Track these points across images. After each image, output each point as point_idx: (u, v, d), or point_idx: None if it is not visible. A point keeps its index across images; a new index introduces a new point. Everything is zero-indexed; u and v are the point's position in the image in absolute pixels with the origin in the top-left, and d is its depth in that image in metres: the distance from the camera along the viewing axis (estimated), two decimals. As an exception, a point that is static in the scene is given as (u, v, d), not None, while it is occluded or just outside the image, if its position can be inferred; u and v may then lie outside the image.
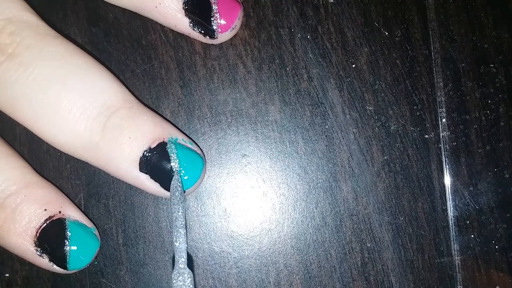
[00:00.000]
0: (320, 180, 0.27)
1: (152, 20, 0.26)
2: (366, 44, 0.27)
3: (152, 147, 0.23)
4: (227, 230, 0.27)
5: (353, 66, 0.27)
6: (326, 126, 0.27)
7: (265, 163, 0.27)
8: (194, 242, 0.27)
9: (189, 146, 0.24)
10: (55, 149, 0.24)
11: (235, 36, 0.26)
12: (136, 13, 0.26)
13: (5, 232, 0.22)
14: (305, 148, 0.27)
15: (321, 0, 0.27)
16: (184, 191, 0.23)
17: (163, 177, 0.23)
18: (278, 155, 0.27)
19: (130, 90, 0.24)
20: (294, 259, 0.27)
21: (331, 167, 0.27)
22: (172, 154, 0.23)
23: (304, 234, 0.27)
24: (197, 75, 0.27)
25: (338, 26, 0.27)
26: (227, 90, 0.27)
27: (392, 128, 0.27)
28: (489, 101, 0.27)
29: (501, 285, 0.27)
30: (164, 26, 0.26)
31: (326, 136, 0.27)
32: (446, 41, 0.27)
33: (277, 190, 0.27)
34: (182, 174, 0.23)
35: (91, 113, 0.22)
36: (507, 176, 0.27)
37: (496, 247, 0.27)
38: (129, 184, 0.25)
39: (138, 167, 0.23)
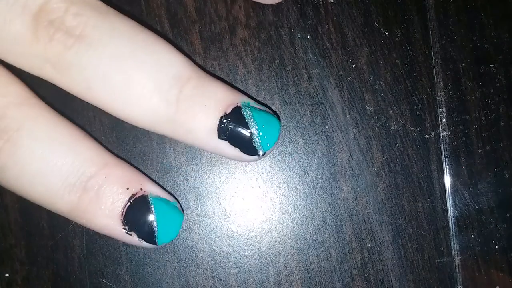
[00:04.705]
0: (320, 180, 0.27)
1: (152, 20, 0.27)
2: (366, 44, 0.27)
3: (227, 112, 0.23)
4: (227, 230, 0.27)
5: (353, 66, 0.27)
6: (326, 126, 0.27)
7: (265, 163, 0.27)
8: (194, 242, 0.27)
9: (262, 108, 0.24)
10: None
11: (235, 36, 0.26)
12: (134, 12, 0.26)
13: (91, 215, 0.22)
14: (305, 148, 0.27)
15: (321, 0, 0.27)
16: (265, 153, 0.23)
17: (243, 142, 0.23)
18: (278, 155, 0.27)
19: None
20: (294, 259, 0.27)
21: (331, 167, 0.27)
22: (248, 118, 0.23)
23: (304, 234, 0.27)
24: (197, 75, 0.27)
25: (338, 26, 0.27)
26: (227, 90, 0.27)
27: (392, 128, 0.27)
28: (489, 101, 0.27)
29: (501, 285, 0.27)
30: (164, 26, 0.26)
31: (326, 136, 0.27)
32: (446, 41, 0.27)
33: (277, 190, 0.27)
34: (260, 135, 0.23)
35: (163, 86, 0.22)
36: (507, 176, 0.27)
37: (496, 247, 0.27)
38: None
39: (216, 134, 0.23)
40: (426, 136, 0.27)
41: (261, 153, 0.23)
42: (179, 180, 0.27)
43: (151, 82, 0.22)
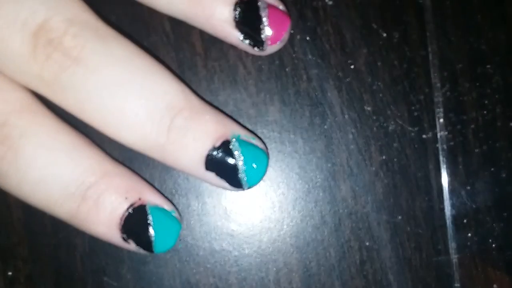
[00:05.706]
0: (319, 180, 0.27)
1: (154, 22, 0.27)
2: (364, 46, 0.27)
3: (216, 146, 0.23)
4: (228, 229, 0.27)
5: (352, 67, 0.27)
6: (325, 126, 0.27)
7: (265, 163, 0.27)
8: (195, 240, 0.27)
9: (252, 141, 0.24)
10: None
11: (235, 37, 0.27)
12: (137, 13, 0.26)
13: (90, 223, 0.23)
14: (304, 148, 0.27)
15: (320, 2, 0.27)
16: (250, 187, 0.24)
17: (229, 175, 0.23)
18: (278, 155, 0.27)
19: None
20: (294, 257, 0.27)
21: (330, 166, 0.27)
22: (236, 152, 0.23)
23: (304, 232, 0.27)
24: (198, 76, 0.27)
25: (337, 28, 0.27)
26: (228, 91, 0.27)
27: (390, 128, 0.27)
28: (486, 102, 0.28)
29: (498, 283, 0.27)
30: (166, 28, 0.27)
31: (325, 136, 0.27)
32: (443, 43, 0.28)
33: (277, 190, 0.27)
34: (246, 171, 0.23)
35: (155, 116, 0.22)
36: (504, 175, 0.27)
37: (493, 245, 0.27)
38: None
39: (204, 166, 0.23)
40: (424, 136, 0.27)
41: (245, 187, 0.24)
42: (180, 179, 0.27)
43: (144, 111, 0.22)
